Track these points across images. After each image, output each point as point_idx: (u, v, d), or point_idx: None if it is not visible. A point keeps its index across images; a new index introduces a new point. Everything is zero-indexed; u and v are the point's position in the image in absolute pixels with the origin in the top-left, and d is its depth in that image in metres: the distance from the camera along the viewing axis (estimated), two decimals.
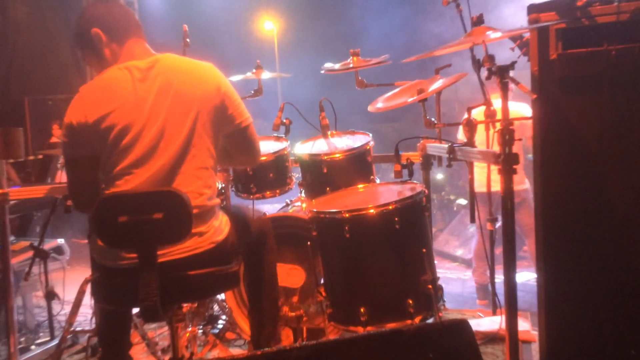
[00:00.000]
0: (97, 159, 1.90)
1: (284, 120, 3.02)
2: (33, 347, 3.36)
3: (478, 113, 2.47)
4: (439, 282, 2.33)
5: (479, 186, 3.62)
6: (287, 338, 2.63)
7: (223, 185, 3.02)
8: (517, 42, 2.29)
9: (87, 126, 1.85)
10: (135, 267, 1.76)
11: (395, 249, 2.25)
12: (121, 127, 1.83)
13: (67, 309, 3.10)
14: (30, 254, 3.23)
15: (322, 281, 2.43)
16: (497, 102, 2.08)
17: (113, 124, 1.83)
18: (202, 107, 1.88)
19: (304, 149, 2.87)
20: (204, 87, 1.90)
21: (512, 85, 2.02)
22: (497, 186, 2.13)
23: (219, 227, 1.95)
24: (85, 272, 2.18)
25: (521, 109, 3.92)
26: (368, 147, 2.72)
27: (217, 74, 1.97)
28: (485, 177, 2.91)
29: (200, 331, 2.85)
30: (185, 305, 2.10)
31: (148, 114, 1.84)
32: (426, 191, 2.39)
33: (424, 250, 2.25)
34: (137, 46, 1.98)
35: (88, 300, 2.54)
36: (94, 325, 2.53)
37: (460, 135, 4.00)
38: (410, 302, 2.17)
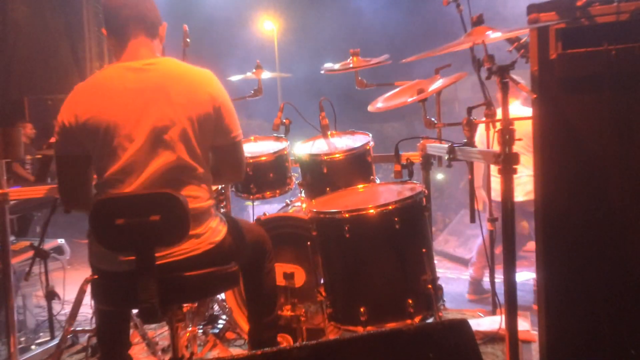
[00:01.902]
0: (88, 159, 1.90)
1: (284, 120, 3.02)
2: (33, 347, 3.36)
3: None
4: (439, 282, 2.33)
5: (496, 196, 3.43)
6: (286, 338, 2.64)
7: (223, 185, 3.02)
8: (514, 44, 2.28)
9: (78, 126, 1.84)
10: (133, 269, 1.76)
11: (395, 249, 2.25)
12: (109, 127, 1.82)
13: (67, 309, 3.10)
14: (30, 254, 3.23)
15: (322, 281, 2.44)
16: (512, 107, 2.02)
17: (101, 123, 1.82)
18: (194, 113, 1.86)
19: (304, 149, 2.86)
20: (198, 95, 1.88)
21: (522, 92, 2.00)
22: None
23: (216, 227, 1.95)
24: (86, 272, 2.18)
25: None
26: (368, 147, 2.72)
27: (214, 82, 1.95)
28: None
29: (200, 331, 2.85)
30: (185, 305, 2.10)
31: (138, 117, 1.82)
32: (426, 191, 2.39)
33: (424, 250, 2.25)
34: (142, 46, 1.94)
35: (88, 300, 2.54)
36: (94, 325, 2.53)
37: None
38: (410, 301, 2.18)
